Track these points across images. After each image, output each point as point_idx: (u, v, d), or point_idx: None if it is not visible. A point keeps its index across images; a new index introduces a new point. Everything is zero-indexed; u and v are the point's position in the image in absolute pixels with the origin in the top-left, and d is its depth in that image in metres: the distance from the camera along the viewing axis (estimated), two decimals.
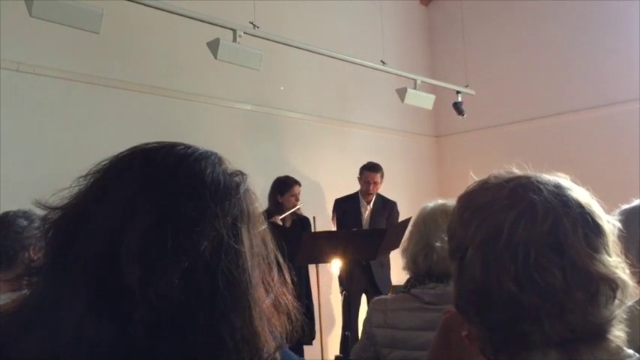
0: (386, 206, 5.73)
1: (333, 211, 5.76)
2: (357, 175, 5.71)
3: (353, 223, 5.50)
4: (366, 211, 5.66)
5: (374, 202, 5.67)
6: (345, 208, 5.65)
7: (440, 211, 1.97)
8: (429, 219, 1.99)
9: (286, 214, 5.12)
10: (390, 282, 5.58)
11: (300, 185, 5.29)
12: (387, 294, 5.38)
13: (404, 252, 2.06)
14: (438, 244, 1.90)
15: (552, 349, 0.83)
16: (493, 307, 0.84)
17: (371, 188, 5.59)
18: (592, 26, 6.86)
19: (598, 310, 0.82)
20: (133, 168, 0.75)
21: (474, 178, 0.97)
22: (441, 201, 2.06)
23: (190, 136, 5.08)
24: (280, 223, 5.01)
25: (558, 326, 0.81)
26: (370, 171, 5.61)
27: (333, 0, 6.85)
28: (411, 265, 2.01)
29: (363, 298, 5.58)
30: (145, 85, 5.10)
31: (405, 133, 7.63)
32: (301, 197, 5.31)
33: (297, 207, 5.22)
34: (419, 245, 1.97)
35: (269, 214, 4.92)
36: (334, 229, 5.67)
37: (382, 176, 5.65)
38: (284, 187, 5.19)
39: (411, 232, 2.05)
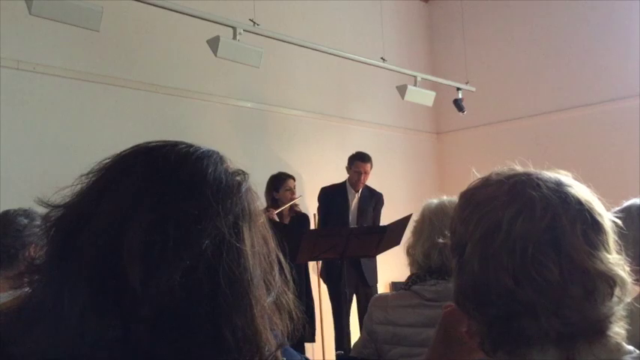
0: (373, 197, 5.69)
1: (319, 199, 5.68)
2: (346, 165, 5.62)
3: (340, 212, 5.47)
4: (354, 200, 5.61)
5: (361, 192, 5.62)
6: (333, 197, 5.57)
7: (452, 206, 1.92)
8: (440, 213, 1.95)
9: (283, 207, 5.11)
10: (377, 276, 5.56)
11: (294, 179, 5.27)
12: (375, 286, 5.39)
13: (410, 248, 2.03)
14: None
15: (550, 345, 0.83)
16: (491, 302, 0.85)
17: (362, 178, 5.52)
18: (592, 23, 6.86)
19: (595, 306, 0.82)
20: (135, 166, 0.75)
21: (476, 175, 0.97)
22: (445, 197, 2.04)
23: (191, 133, 5.09)
24: (276, 218, 5.00)
25: (555, 322, 0.82)
26: (362, 161, 5.53)
27: None
28: (423, 260, 1.98)
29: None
30: (146, 82, 5.10)
31: (405, 130, 7.63)
32: (297, 190, 5.30)
33: (295, 200, 5.22)
34: (432, 240, 1.92)
35: (267, 210, 4.92)
36: (319, 218, 5.64)
37: (372, 166, 5.59)
38: (278, 183, 5.18)
39: (420, 228, 2.00)
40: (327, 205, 5.57)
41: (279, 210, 5.08)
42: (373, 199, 5.68)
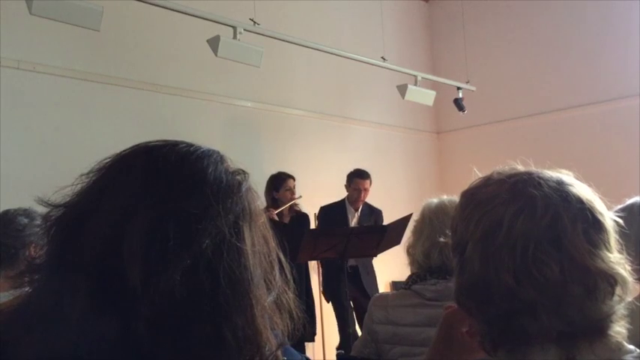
0: (372, 213, 5.62)
1: (318, 218, 5.64)
2: (345, 183, 5.58)
3: None
4: (354, 219, 5.55)
5: (361, 209, 5.56)
6: (332, 215, 5.52)
7: (452, 205, 1.92)
8: (440, 213, 1.95)
9: (283, 207, 5.11)
10: (377, 287, 5.53)
11: (294, 179, 5.26)
12: None
13: (410, 247, 2.02)
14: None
15: (551, 343, 0.83)
16: (492, 301, 0.85)
17: (362, 195, 5.47)
18: (592, 23, 6.86)
19: (596, 305, 0.82)
20: (136, 166, 0.75)
21: (477, 174, 0.97)
22: (445, 197, 2.04)
23: (191, 133, 5.08)
24: (276, 217, 5.00)
25: (555, 320, 0.82)
26: (361, 178, 5.47)
27: None
28: (423, 260, 1.97)
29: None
30: (146, 82, 5.10)
31: (405, 130, 7.63)
32: (297, 190, 5.30)
33: (295, 200, 5.21)
34: (432, 239, 1.91)
35: (267, 210, 4.90)
36: None
37: (371, 182, 5.53)
38: (278, 183, 5.17)
39: (420, 228, 1.99)
40: (327, 224, 5.50)
41: (279, 210, 5.07)
42: (372, 216, 5.62)
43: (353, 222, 5.55)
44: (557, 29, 7.11)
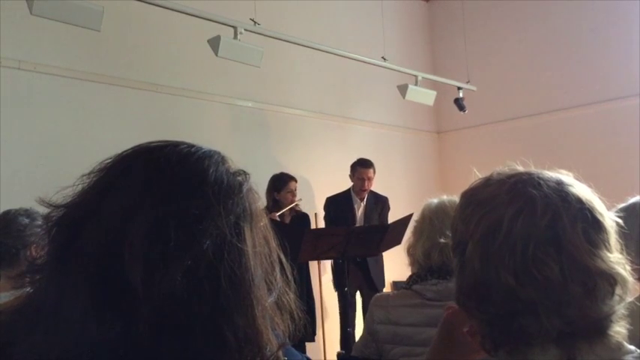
0: (378, 202, 5.67)
1: (325, 208, 5.69)
2: (349, 173, 5.63)
3: (346, 221, 5.42)
4: (360, 208, 5.60)
5: (366, 199, 5.62)
6: (338, 206, 5.57)
7: (452, 205, 1.92)
8: (441, 213, 1.95)
9: (284, 210, 5.11)
10: (384, 279, 5.57)
11: (296, 181, 5.26)
12: (381, 291, 5.38)
13: (411, 248, 2.02)
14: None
15: (551, 343, 0.83)
16: (492, 301, 0.85)
17: (366, 185, 5.51)
18: (592, 22, 6.86)
19: (596, 304, 0.82)
20: (137, 167, 0.75)
21: (477, 175, 0.97)
22: (445, 197, 2.04)
23: (192, 133, 5.08)
24: (278, 219, 5.00)
25: (556, 320, 0.82)
26: (363, 167, 5.53)
27: None
28: (423, 260, 1.97)
29: (358, 295, 5.53)
30: (146, 82, 5.10)
31: (406, 130, 7.63)
32: (298, 193, 5.30)
33: (296, 202, 5.21)
34: (432, 240, 1.92)
35: (268, 211, 4.90)
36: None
37: (374, 171, 5.59)
38: (280, 184, 5.17)
39: (420, 228, 2.00)
40: (334, 215, 5.54)
41: (280, 212, 5.07)
42: (379, 205, 5.66)
43: (359, 212, 5.60)
44: (557, 29, 7.11)
